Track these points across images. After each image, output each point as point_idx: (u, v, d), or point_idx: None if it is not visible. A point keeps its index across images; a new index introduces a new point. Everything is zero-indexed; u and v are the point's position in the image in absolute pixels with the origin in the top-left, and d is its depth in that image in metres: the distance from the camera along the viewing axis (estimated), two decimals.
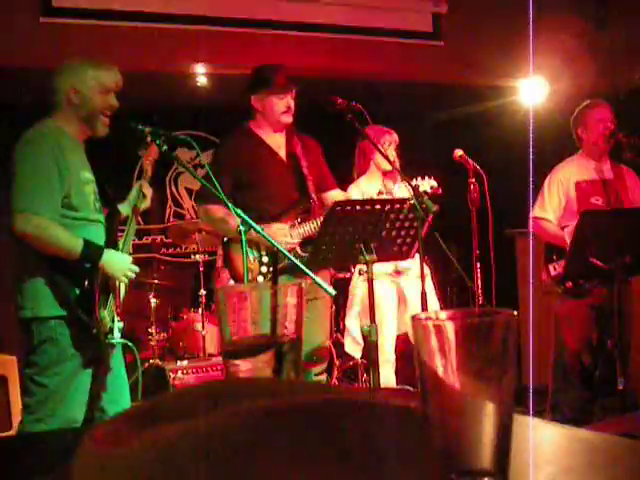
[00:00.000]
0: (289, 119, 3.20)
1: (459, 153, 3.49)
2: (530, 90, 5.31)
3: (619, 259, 3.03)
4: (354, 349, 4.07)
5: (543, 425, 0.79)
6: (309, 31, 4.69)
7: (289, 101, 3.18)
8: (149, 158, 2.79)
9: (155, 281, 4.94)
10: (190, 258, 5.75)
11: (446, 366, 0.48)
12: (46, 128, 2.46)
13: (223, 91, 5.28)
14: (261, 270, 3.08)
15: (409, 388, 3.95)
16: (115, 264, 2.47)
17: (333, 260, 2.75)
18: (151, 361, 4.47)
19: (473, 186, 3.39)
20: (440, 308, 4.13)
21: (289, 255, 2.52)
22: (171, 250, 6.20)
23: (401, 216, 2.64)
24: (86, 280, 2.39)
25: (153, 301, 4.86)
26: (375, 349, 2.68)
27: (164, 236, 6.06)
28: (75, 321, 2.39)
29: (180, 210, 6.29)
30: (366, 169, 3.93)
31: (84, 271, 2.40)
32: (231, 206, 2.55)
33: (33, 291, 2.39)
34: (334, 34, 4.76)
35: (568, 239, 3.31)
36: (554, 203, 3.60)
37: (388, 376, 3.79)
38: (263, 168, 3.17)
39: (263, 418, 0.47)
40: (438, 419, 0.49)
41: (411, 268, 3.82)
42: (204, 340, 4.62)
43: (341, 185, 3.52)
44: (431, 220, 2.82)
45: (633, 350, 3.52)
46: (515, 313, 0.50)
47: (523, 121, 5.10)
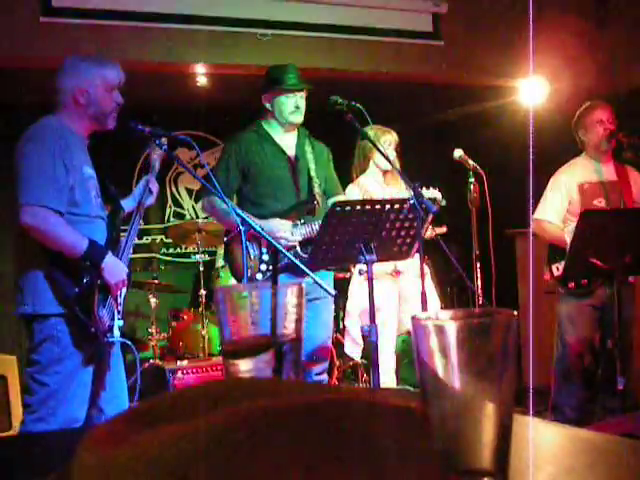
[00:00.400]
0: (298, 118, 3.20)
1: (459, 153, 3.50)
2: (530, 90, 5.31)
3: (619, 259, 3.03)
4: (354, 350, 4.07)
5: (543, 425, 0.79)
6: (309, 31, 4.69)
7: (298, 100, 3.18)
8: (157, 153, 2.77)
9: (155, 281, 4.94)
10: (190, 258, 5.76)
11: (446, 366, 0.48)
12: (50, 124, 2.46)
13: (223, 91, 5.28)
14: (260, 268, 3.08)
15: (409, 388, 3.95)
16: (113, 272, 2.45)
17: (333, 260, 2.74)
18: (151, 361, 4.47)
19: (473, 186, 3.39)
20: (440, 308, 4.13)
21: (288, 254, 2.52)
22: (171, 250, 6.20)
23: (401, 216, 2.64)
24: (85, 278, 2.39)
25: (153, 301, 4.86)
26: (375, 349, 2.67)
27: (164, 236, 6.07)
28: (75, 319, 2.39)
29: (180, 210, 6.29)
30: (365, 168, 3.93)
31: (83, 269, 2.40)
32: (230, 205, 2.55)
33: (33, 288, 2.39)
34: (334, 34, 4.76)
35: (569, 239, 3.31)
36: (556, 205, 3.61)
37: (388, 376, 3.79)
38: (270, 165, 3.17)
39: (263, 418, 0.47)
40: (438, 419, 0.49)
41: (411, 268, 3.82)
42: (204, 340, 4.62)
43: (341, 185, 3.52)
44: (431, 221, 2.82)
45: (635, 350, 3.52)
46: (515, 313, 0.50)
47: (523, 121, 5.11)
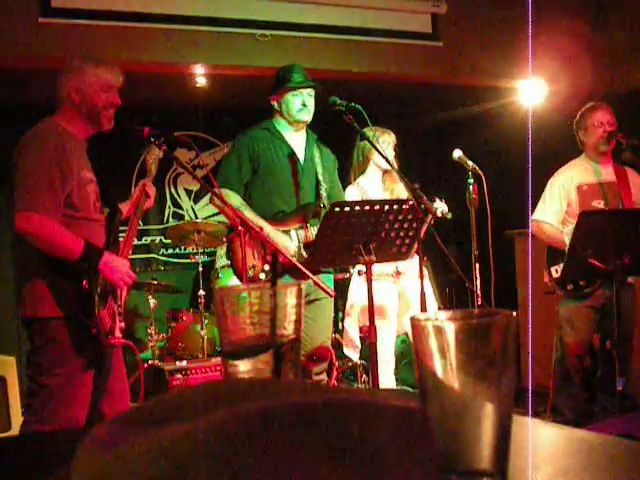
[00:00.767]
0: (306, 116, 3.20)
1: (458, 154, 3.49)
2: (529, 91, 5.31)
3: (618, 260, 3.03)
4: (352, 351, 4.07)
5: (542, 425, 0.80)
6: (308, 32, 4.69)
7: (306, 98, 3.18)
8: (152, 157, 2.78)
9: (154, 281, 4.94)
10: (189, 259, 5.75)
11: (445, 367, 0.49)
12: (48, 127, 2.47)
13: (223, 91, 5.28)
14: (264, 268, 3.08)
15: (408, 389, 3.95)
16: (114, 269, 2.45)
17: (333, 261, 2.74)
18: (150, 362, 4.47)
19: (472, 187, 3.39)
20: (439, 308, 4.13)
21: (289, 256, 2.52)
22: (170, 251, 6.20)
23: (400, 216, 2.63)
24: (85, 281, 2.39)
25: (152, 301, 4.86)
26: (374, 350, 2.67)
27: (163, 237, 6.07)
28: (75, 321, 2.39)
29: (179, 211, 6.29)
30: (365, 169, 3.93)
31: (84, 272, 2.40)
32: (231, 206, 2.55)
33: (34, 291, 2.40)
34: (333, 35, 4.76)
35: (567, 240, 3.31)
36: (555, 206, 3.61)
37: (387, 377, 3.79)
38: (279, 162, 3.17)
39: (262, 419, 0.47)
40: (438, 419, 0.49)
41: (411, 269, 3.82)
42: (203, 341, 4.61)
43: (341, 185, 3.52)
44: (430, 221, 2.81)
45: (634, 351, 3.53)
46: (514, 314, 0.50)
47: (522, 122, 5.11)
